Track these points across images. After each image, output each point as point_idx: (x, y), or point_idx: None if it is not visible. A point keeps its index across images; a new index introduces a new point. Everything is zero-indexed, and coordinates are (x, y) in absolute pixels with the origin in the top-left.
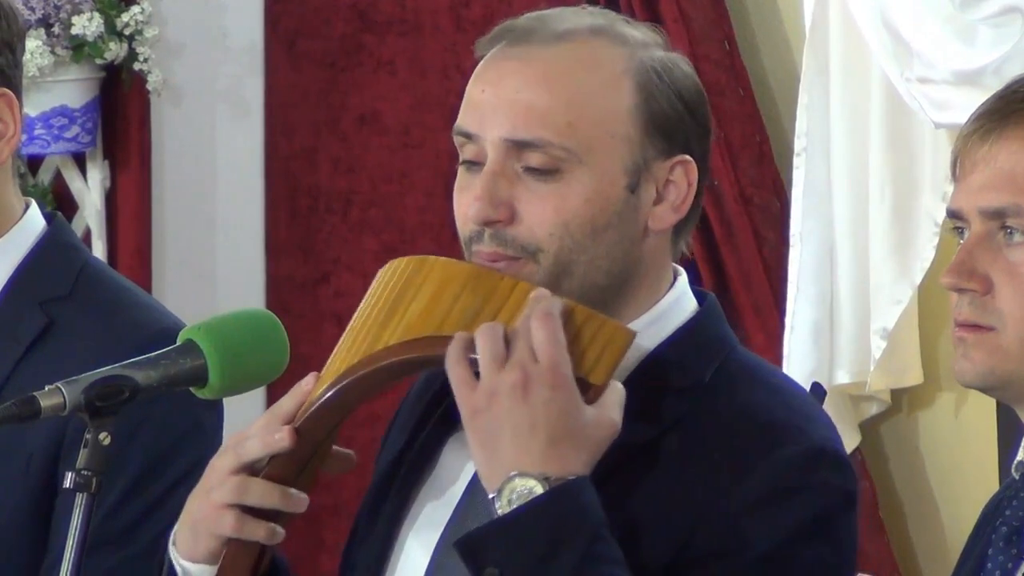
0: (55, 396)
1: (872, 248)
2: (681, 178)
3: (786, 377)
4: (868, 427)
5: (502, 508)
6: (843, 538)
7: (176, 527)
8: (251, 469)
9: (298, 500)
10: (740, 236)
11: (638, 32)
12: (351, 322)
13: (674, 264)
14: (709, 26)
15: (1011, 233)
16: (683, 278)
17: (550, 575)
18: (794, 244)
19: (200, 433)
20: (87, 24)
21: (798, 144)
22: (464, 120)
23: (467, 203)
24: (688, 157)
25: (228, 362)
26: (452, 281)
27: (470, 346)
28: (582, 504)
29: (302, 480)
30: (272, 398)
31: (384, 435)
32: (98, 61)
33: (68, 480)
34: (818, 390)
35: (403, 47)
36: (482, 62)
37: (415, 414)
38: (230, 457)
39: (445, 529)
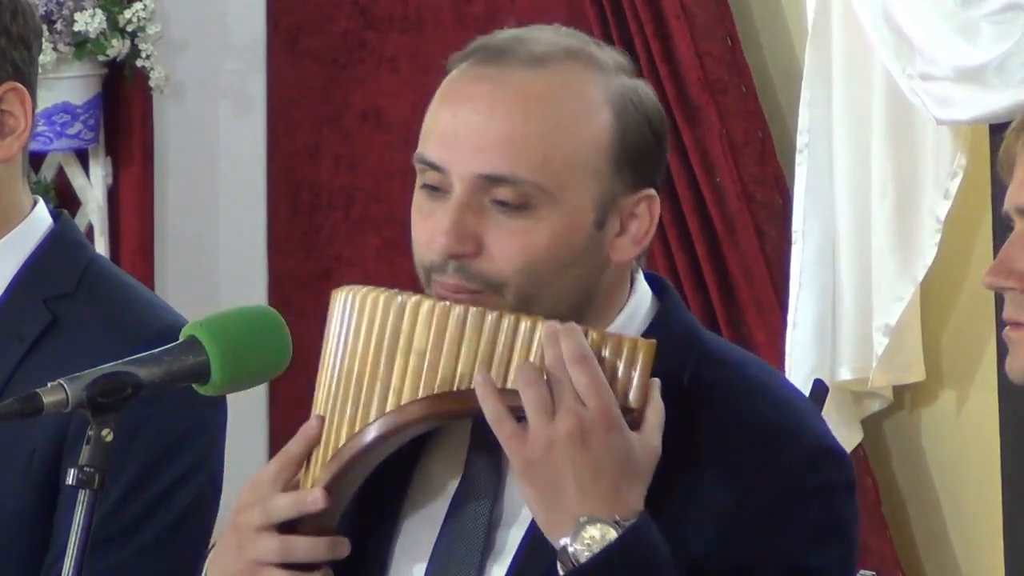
0: (57, 392)
1: (874, 245)
2: (645, 213)
3: (760, 364)
4: (870, 424)
5: (576, 555)
6: (851, 529)
7: (206, 570)
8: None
9: (342, 546)
10: (742, 233)
11: (609, 56)
12: (330, 357)
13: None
14: (711, 23)
15: None
16: (639, 276)
17: None
18: (796, 241)
19: (202, 432)
20: (89, 21)
21: (800, 141)
22: (429, 150)
23: (430, 232)
24: (653, 192)
25: (230, 358)
26: (446, 326)
27: (504, 395)
28: (654, 541)
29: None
30: (274, 395)
31: None
32: (100, 58)
33: (71, 476)
34: (820, 387)
35: (405, 44)
36: (452, 79)
37: None
38: (257, 515)
39: (432, 556)
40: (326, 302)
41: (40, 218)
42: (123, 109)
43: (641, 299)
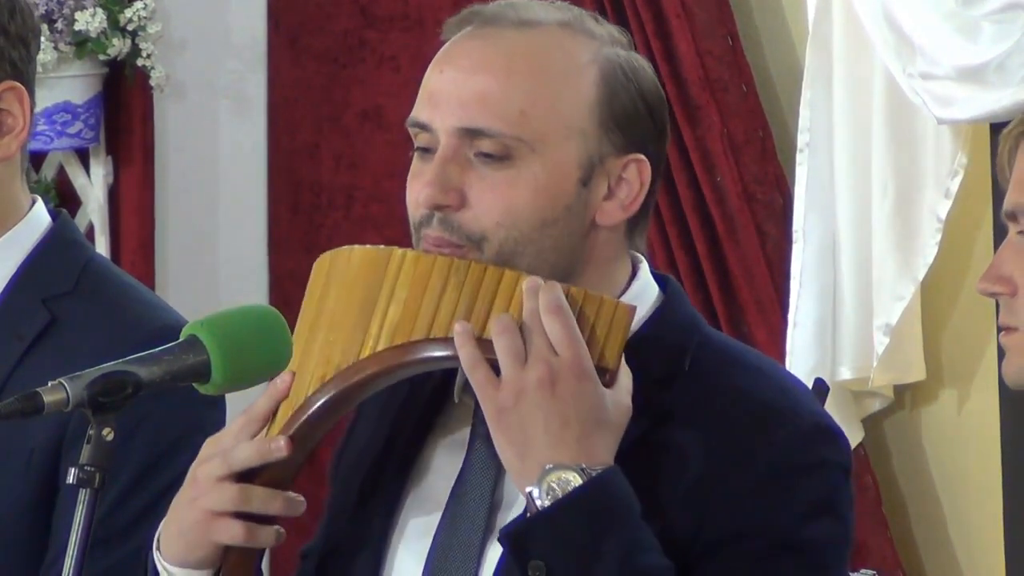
0: (58, 392)
1: (875, 244)
2: (634, 176)
3: (760, 355)
4: (871, 423)
5: (541, 501)
6: (846, 511)
7: (160, 532)
8: (239, 476)
9: (298, 503)
10: (743, 232)
11: (605, 30)
12: (310, 315)
13: (634, 253)
14: (712, 22)
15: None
16: (644, 267)
17: (595, 565)
18: (797, 240)
19: (201, 431)
20: (90, 20)
21: (801, 140)
22: (418, 111)
23: (418, 188)
24: (643, 157)
25: (231, 358)
26: (428, 277)
27: (481, 344)
28: (620, 493)
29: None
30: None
31: (340, 447)
32: (101, 57)
33: (71, 476)
34: (821, 386)
35: (405, 43)
36: (445, 45)
37: (385, 423)
38: (217, 464)
39: (435, 537)
40: None
41: (39, 217)
42: (124, 108)
43: (645, 288)
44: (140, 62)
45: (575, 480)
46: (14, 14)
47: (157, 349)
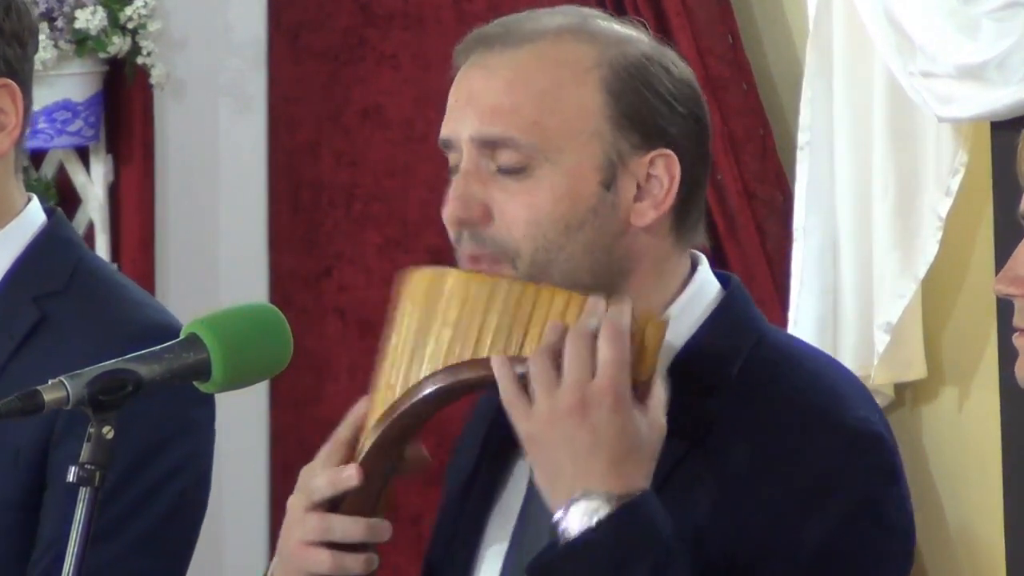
0: (58, 390)
1: (875, 242)
2: (662, 172)
3: (825, 357)
4: None
5: (566, 531)
6: (893, 518)
7: (272, 564)
8: (331, 503)
9: (382, 529)
10: (743, 230)
11: (614, 28)
12: (388, 339)
13: (693, 252)
14: (713, 20)
15: None
16: (703, 266)
17: None
18: (797, 238)
19: (190, 429)
20: (90, 18)
21: (801, 138)
22: (443, 129)
23: (446, 207)
24: (668, 151)
25: (231, 356)
26: (474, 299)
27: (521, 362)
28: (649, 520)
29: (381, 505)
30: (275, 393)
31: (453, 453)
32: (101, 55)
33: (71, 474)
34: None
35: (406, 41)
36: (457, 76)
37: (479, 436)
38: (303, 496)
39: (511, 543)
40: (327, 299)
41: (33, 216)
42: (124, 106)
43: (702, 288)
44: (140, 60)
45: (602, 509)
46: (9, 11)
47: (158, 347)
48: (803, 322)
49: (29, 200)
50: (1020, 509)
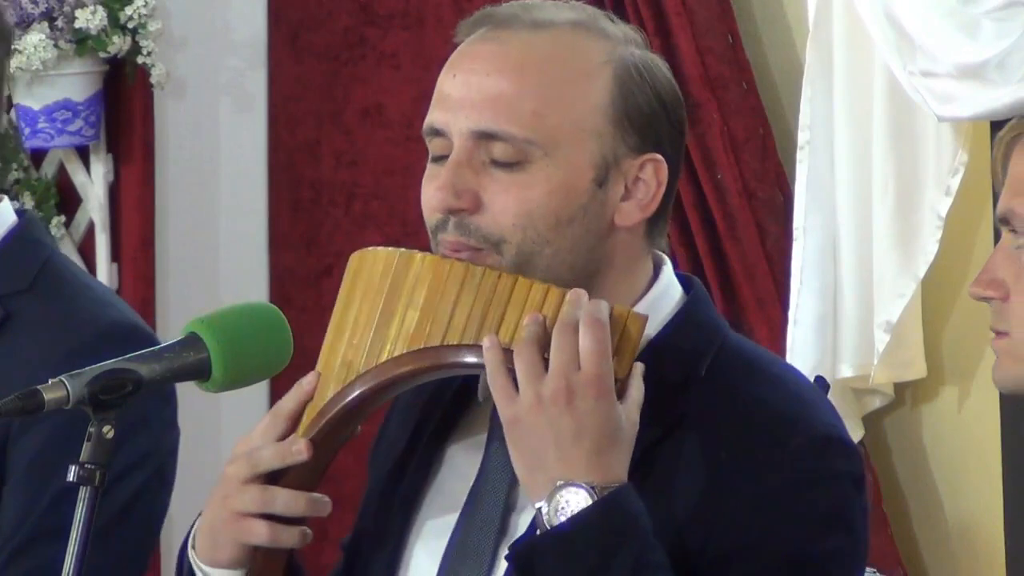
0: (59, 389)
1: (875, 241)
2: (651, 176)
3: (784, 364)
4: (871, 421)
5: (550, 519)
6: (858, 525)
7: (193, 532)
8: (266, 476)
9: (323, 504)
10: (743, 230)
11: (619, 29)
12: (337, 316)
13: (657, 252)
14: (713, 19)
15: (1018, 236)
16: (667, 268)
17: None
18: (797, 237)
19: (147, 427)
20: (90, 18)
21: (801, 137)
22: (432, 116)
23: (432, 191)
24: (659, 156)
25: (231, 355)
26: (445, 282)
27: (506, 354)
28: (631, 512)
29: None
30: (275, 391)
31: (376, 437)
32: (101, 55)
33: (71, 474)
34: (821, 383)
35: (406, 40)
36: (458, 48)
37: (410, 421)
38: (243, 466)
39: (451, 537)
40: (327, 298)
41: (3, 216)
42: (124, 106)
43: (667, 289)
44: (140, 60)
45: (584, 499)
46: None
47: (158, 347)
48: (803, 321)
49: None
50: (1020, 509)
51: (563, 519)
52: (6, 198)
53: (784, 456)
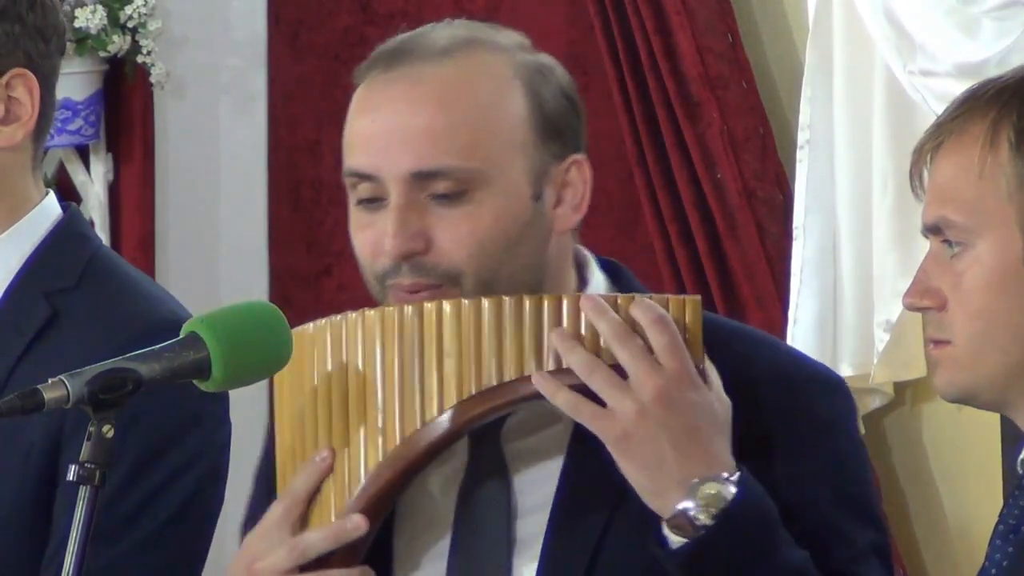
0: (58, 389)
1: (875, 241)
2: (576, 178)
3: (752, 327)
4: (871, 420)
5: (698, 516)
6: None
7: None
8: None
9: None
10: (743, 229)
11: (507, 37)
12: (322, 390)
13: (577, 247)
14: (713, 19)
15: (951, 245)
16: (591, 260)
17: (772, 564)
18: (797, 237)
19: (199, 425)
20: (90, 17)
21: (801, 137)
22: (357, 160)
23: (375, 240)
24: (580, 156)
25: (231, 355)
26: (475, 324)
27: (559, 376)
28: (762, 491)
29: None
30: (275, 391)
31: (264, 454)
32: (101, 54)
33: (71, 472)
34: None
35: None
36: (361, 91)
37: None
38: (284, 558)
39: (451, 557)
40: (327, 298)
41: (48, 210)
42: (124, 105)
43: (598, 276)
44: (140, 59)
45: (725, 490)
46: (33, 6)
47: (158, 346)
48: (803, 321)
49: (46, 195)
50: None
51: (716, 510)
52: (52, 193)
53: (809, 400)
